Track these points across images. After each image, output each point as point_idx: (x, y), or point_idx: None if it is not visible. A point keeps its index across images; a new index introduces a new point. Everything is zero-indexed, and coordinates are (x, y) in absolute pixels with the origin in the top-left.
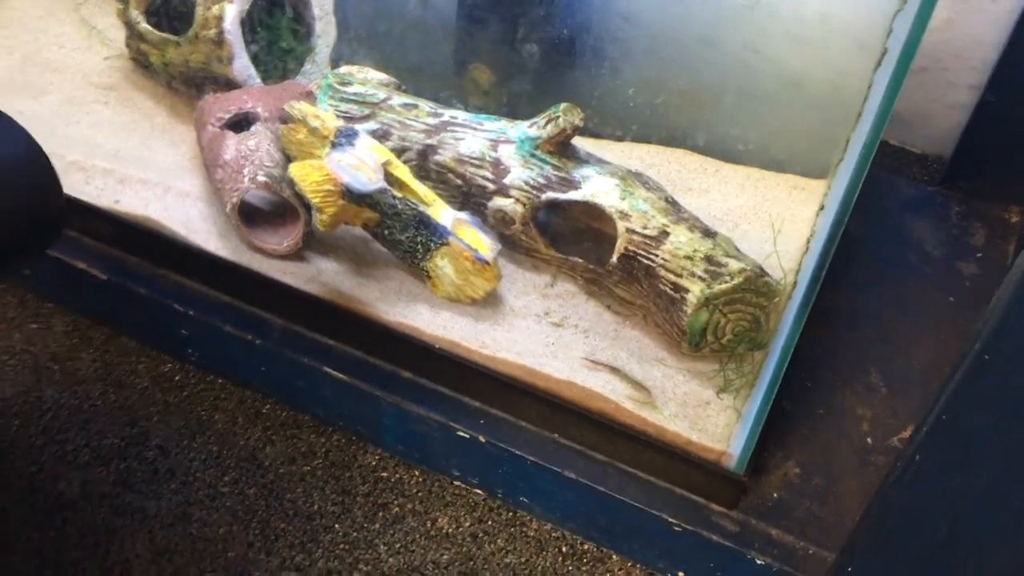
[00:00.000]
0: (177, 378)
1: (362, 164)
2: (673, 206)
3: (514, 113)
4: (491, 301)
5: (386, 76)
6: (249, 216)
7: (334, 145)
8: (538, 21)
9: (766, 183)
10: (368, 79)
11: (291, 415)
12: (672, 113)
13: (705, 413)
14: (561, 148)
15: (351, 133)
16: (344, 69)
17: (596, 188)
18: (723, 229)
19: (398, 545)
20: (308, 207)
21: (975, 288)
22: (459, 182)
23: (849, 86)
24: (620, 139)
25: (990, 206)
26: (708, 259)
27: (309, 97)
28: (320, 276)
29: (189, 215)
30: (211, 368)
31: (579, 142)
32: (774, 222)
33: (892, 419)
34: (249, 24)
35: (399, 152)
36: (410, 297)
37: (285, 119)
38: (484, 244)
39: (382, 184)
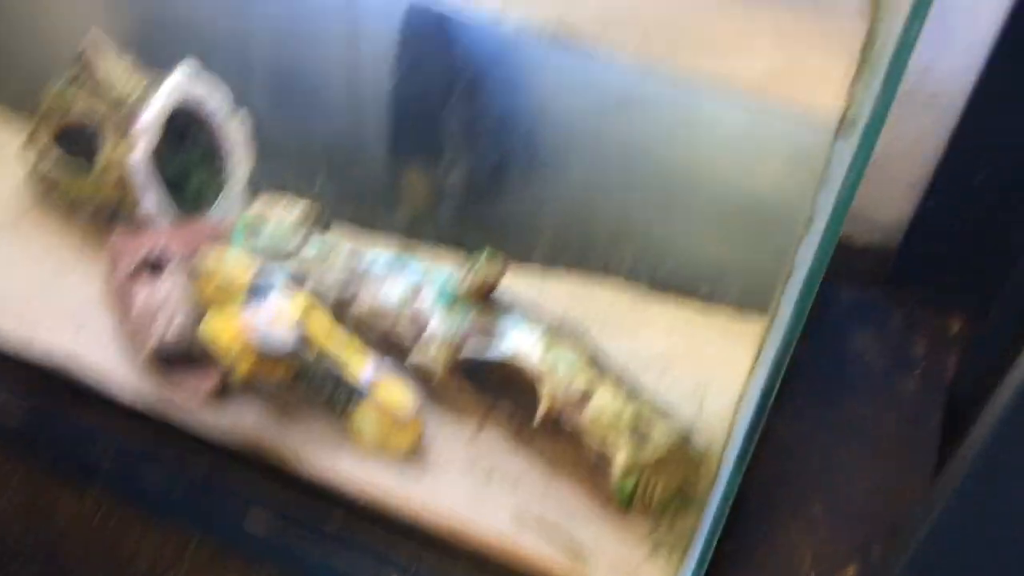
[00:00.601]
0: (99, 515)
1: (277, 319)
2: (597, 363)
3: (446, 234)
4: (416, 453)
5: (305, 208)
6: (165, 360)
7: (248, 298)
8: (468, 139)
9: (700, 320)
10: (285, 216)
11: (217, 554)
12: (604, 239)
13: (639, 572)
14: (483, 297)
15: (265, 285)
16: (259, 205)
17: (518, 344)
18: (652, 376)
19: None
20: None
21: (916, 405)
22: (378, 332)
23: (786, 203)
24: (551, 265)
25: (932, 313)
26: (633, 424)
27: (223, 237)
28: (241, 421)
29: (104, 355)
30: (134, 506)
31: (506, 277)
32: (706, 369)
33: (835, 555)
34: (158, 159)
35: (315, 299)
36: (335, 447)
37: (196, 269)
38: (405, 398)
39: (297, 341)
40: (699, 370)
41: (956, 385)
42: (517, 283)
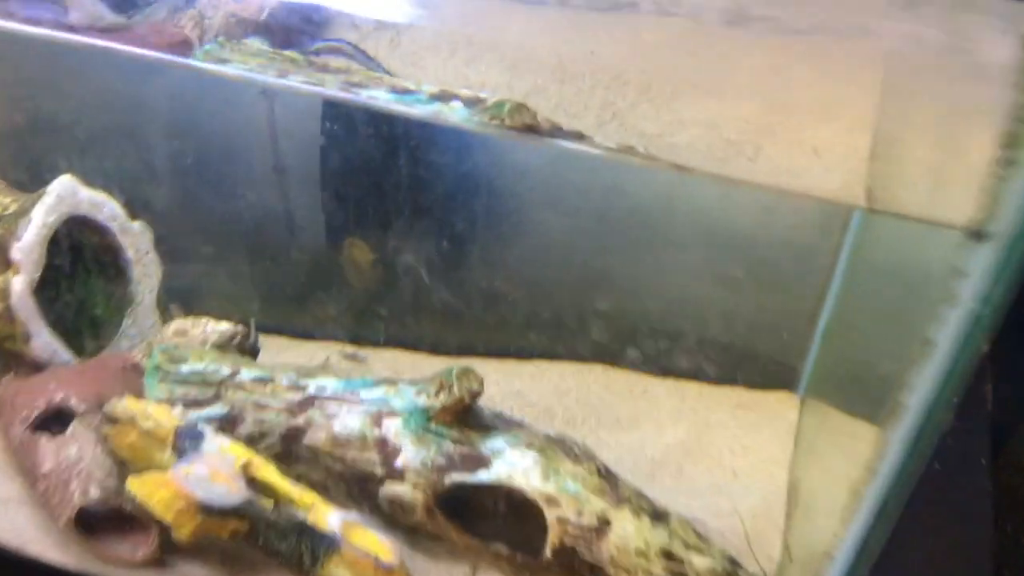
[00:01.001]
0: None
1: (216, 472)
2: (608, 480)
3: (398, 328)
4: None
5: (229, 326)
6: (90, 523)
7: (176, 449)
8: (413, 216)
9: (703, 402)
10: (208, 336)
11: None
12: (587, 319)
13: None
14: (460, 416)
15: (195, 434)
16: (176, 325)
17: (511, 466)
18: (665, 476)
19: None
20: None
21: None
22: (339, 467)
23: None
24: (527, 357)
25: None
26: (666, 554)
27: (134, 373)
28: None
29: (16, 522)
30: None
31: (481, 365)
32: (724, 459)
33: None
34: (47, 285)
35: (257, 439)
36: None
37: (108, 418)
38: (383, 546)
39: (245, 494)
40: (719, 463)
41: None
42: (493, 379)
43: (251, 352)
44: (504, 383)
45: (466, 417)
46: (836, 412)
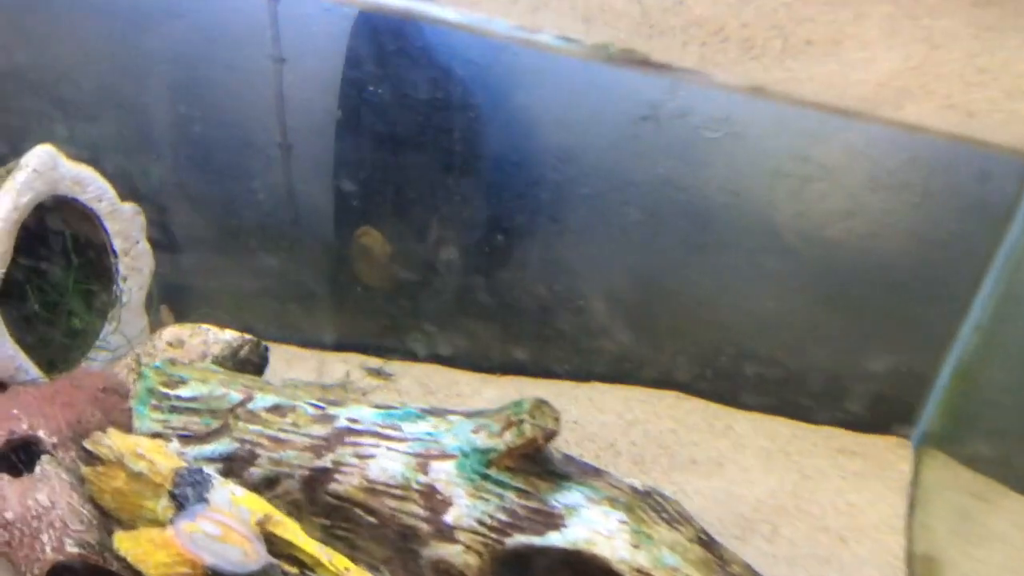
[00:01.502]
0: None
1: (228, 530)
2: (712, 550)
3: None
4: None
5: (235, 335)
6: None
7: (176, 499)
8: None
9: (798, 445)
10: (209, 347)
11: None
12: (656, 338)
13: None
14: (527, 462)
15: (199, 479)
16: (170, 333)
17: (591, 528)
18: (757, 538)
19: None
20: None
21: None
22: (372, 521)
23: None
24: (583, 378)
25: None
26: None
27: (117, 395)
28: None
29: None
30: None
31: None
32: (827, 520)
33: None
34: (11, 286)
35: (273, 484)
36: None
37: (89, 456)
38: None
39: (266, 559)
40: (821, 525)
41: None
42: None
43: (259, 366)
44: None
45: (534, 462)
46: (975, 472)
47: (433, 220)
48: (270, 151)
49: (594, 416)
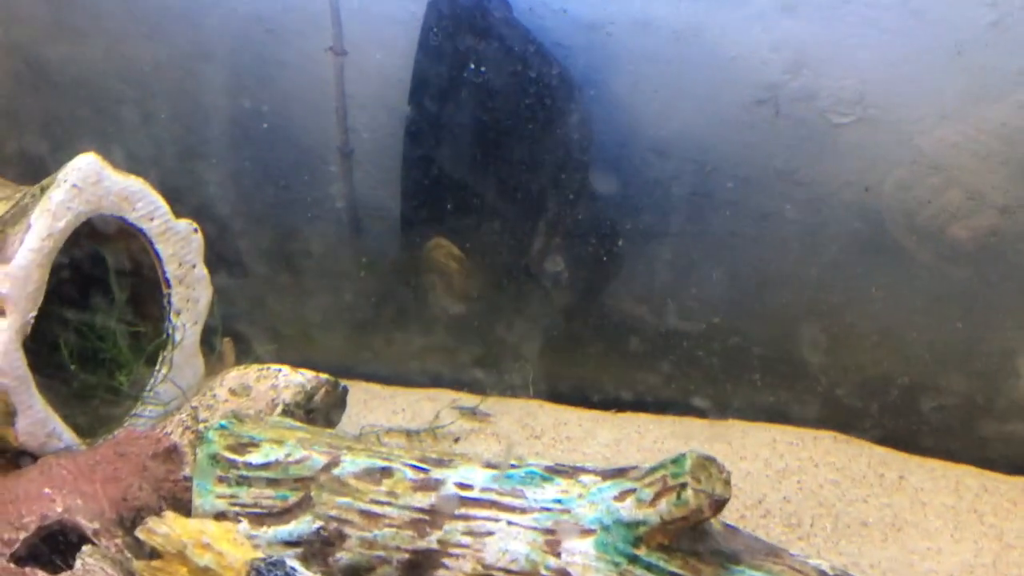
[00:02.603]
0: None
1: None
2: None
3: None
4: None
5: (309, 375)
6: None
7: None
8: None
9: (991, 502)
10: (280, 393)
11: None
12: (812, 364)
13: None
14: (687, 537)
15: (280, 574)
16: (232, 381)
17: None
18: None
19: None
20: None
21: None
22: None
23: None
24: (719, 415)
25: None
26: None
27: (171, 461)
28: None
29: None
30: None
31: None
32: None
33: None
34: (47, 331)
35: (364, 572)
36: None
37: (143, 550)
38: None
39: None
40: None
41: None
42: (670, 446)
43: (338, 411)
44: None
45: (694, 539)
46: None
47: (522, 228)
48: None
49: (734, 463)
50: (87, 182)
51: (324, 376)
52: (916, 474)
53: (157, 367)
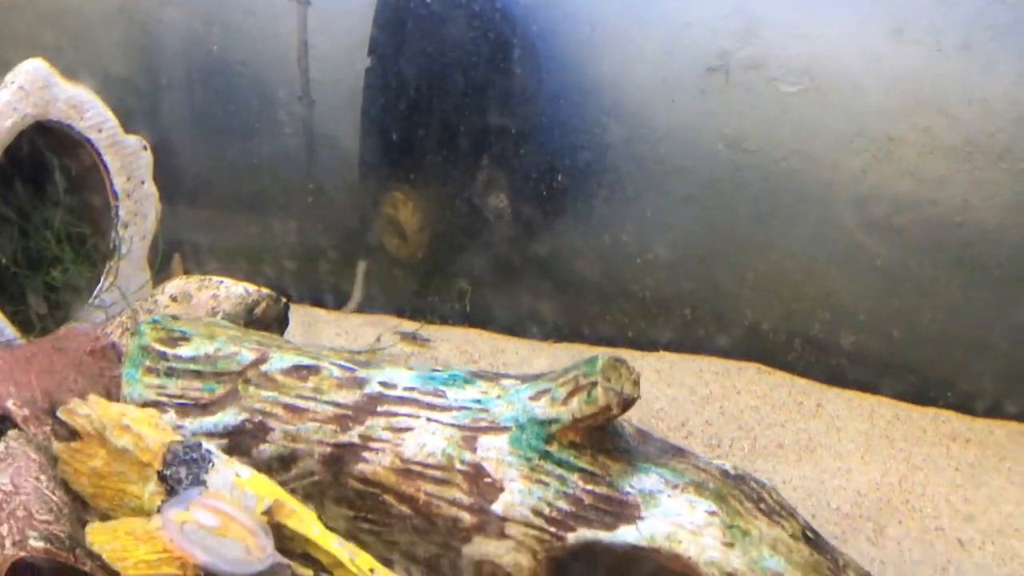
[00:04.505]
0: None
1: (228, 521)
2: (821, 550)
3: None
4: None
5: (250, 288)
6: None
7: (166, 481)
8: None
9: (904, 430)
10: (220, 303)
11: None
12: (728, 296)
13: None
14: (596, 437)
15: (196, 457)
16: (176, 286)
17: (673, 522)
18: (860, 538)
19: None
20: None
21: None
22: (406, 510)
23: None
24: (650, 347)
25: None
26: None
27: (106, 359)
28: None
29: None
30: None
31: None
32: (942, 518)
33: None
34: None
35: (286, 464)
36: None
37: (64, 430)
38: None
39: (274, 558)
40: (935, 523)
41: None
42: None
43: (278, 327)
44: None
45: (604, 438)
46: None
47: (477, 173)
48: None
49: (662, 391)
50: (34, 85)
51: (265, 291)
52: (833, 403)
53: (103, 275)
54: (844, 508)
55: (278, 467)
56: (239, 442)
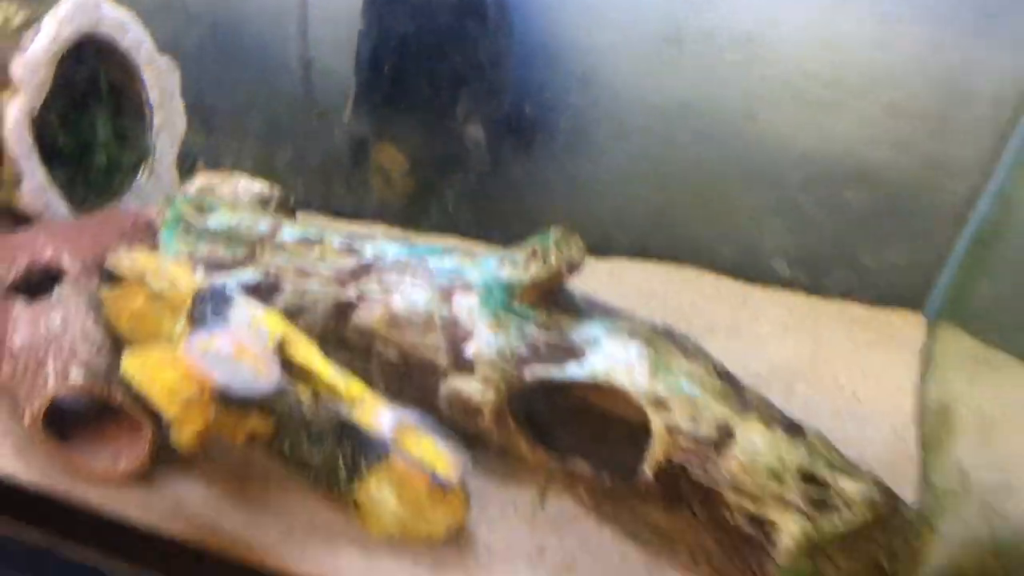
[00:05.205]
0: None
1: (242, 349)
2: (730, 382)
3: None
4: (457, 538)
5: (265, 186)
6: (63, 424)
7: (194, 319)
8: (475, 90)
9: (814, 317)
10: (239, 196)
11: None
12: (674, 216)
13: None
14: (550, 296)
15: (221, 297)
16: (202, 181)
17: (611, 360)
18: (774, 394)
19: None
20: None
21: None
22: (394, 356)
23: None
24: (603, 253)
25: None
26: (806, 477)
27: (147, 233)
28: (184, 506)
29: None
30: None
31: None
32: (841, 381)
33: None
34: (48, 126)
35: (296, 314)
36: (329, 537)
37: (109, 277)
38: (444, 458)
39: (280, 381)
40: (835, 385)
41: None
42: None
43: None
44: (577, 282)
45: (556, 299)
46: (985, 344)
47: (454, 128)
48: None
49: (613, 288)
50: (88, 4)
51: (277, 190)
52: (757, 297)
53: (142, 170)
54: (762, 374)
55: (288, 318)
56: (256, 296)
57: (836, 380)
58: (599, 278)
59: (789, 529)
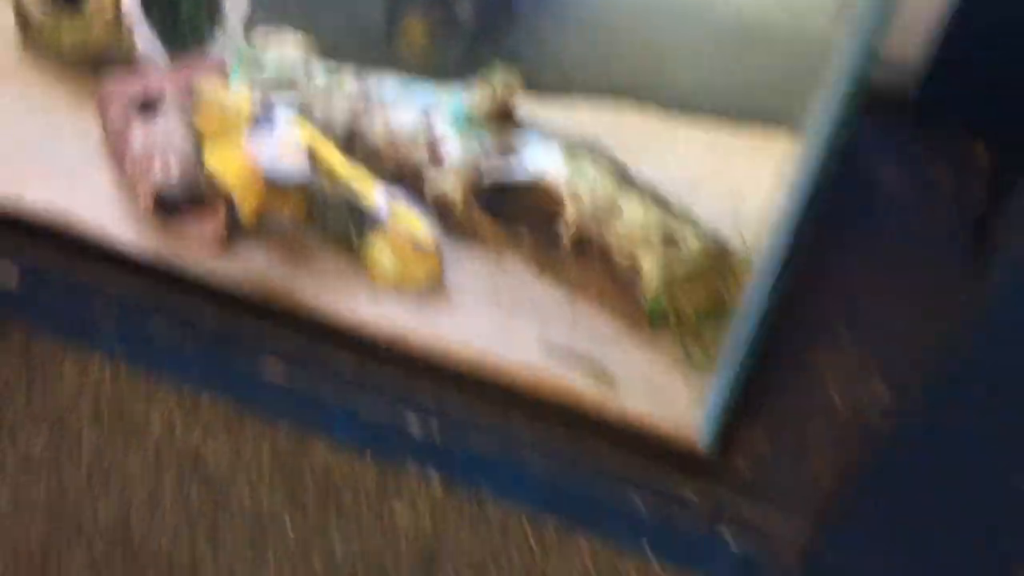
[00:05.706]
0: (106, 380)
1: (284, 147)
2: (624, 175)
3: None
4: (436, 286)
5: (303, 42)
6: (168, 205)
7: (252, 127)
8: None
9: (727, 144)
10: (284, 48)
11: (232, 412)
12: (622, 62)
13: (670, 393)
14: (500, 117)
15: (270, 113)
16: (258, 39)
17: (540, 162)
18: (682, 198)
19: (352, 536)
20: (230, 197)
21: (942, 231)
22: (393, 162)
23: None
24: (563, 93)
25: (959, 144)
26: (664, 234)
27: (220, 73)
28: (251, 266)
29: (101, 208)
30: (142, 367)
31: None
32: (734, 188)
33: (861, 374)
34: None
35: (324, 131)
36: (348, 286)
37: (196, 101)
38: (421, 228)
39: (306, 168)
40: (729, 190)
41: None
42: (532, 112)
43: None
44: (538, 115)
45: (505, 118)
46: None
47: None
48: None
49: (568, 123)
50: None
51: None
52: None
53: (216, 30)
54: (673, 187)
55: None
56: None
57: (728, 186)
58: (558, 115)
59: (650, 271)
